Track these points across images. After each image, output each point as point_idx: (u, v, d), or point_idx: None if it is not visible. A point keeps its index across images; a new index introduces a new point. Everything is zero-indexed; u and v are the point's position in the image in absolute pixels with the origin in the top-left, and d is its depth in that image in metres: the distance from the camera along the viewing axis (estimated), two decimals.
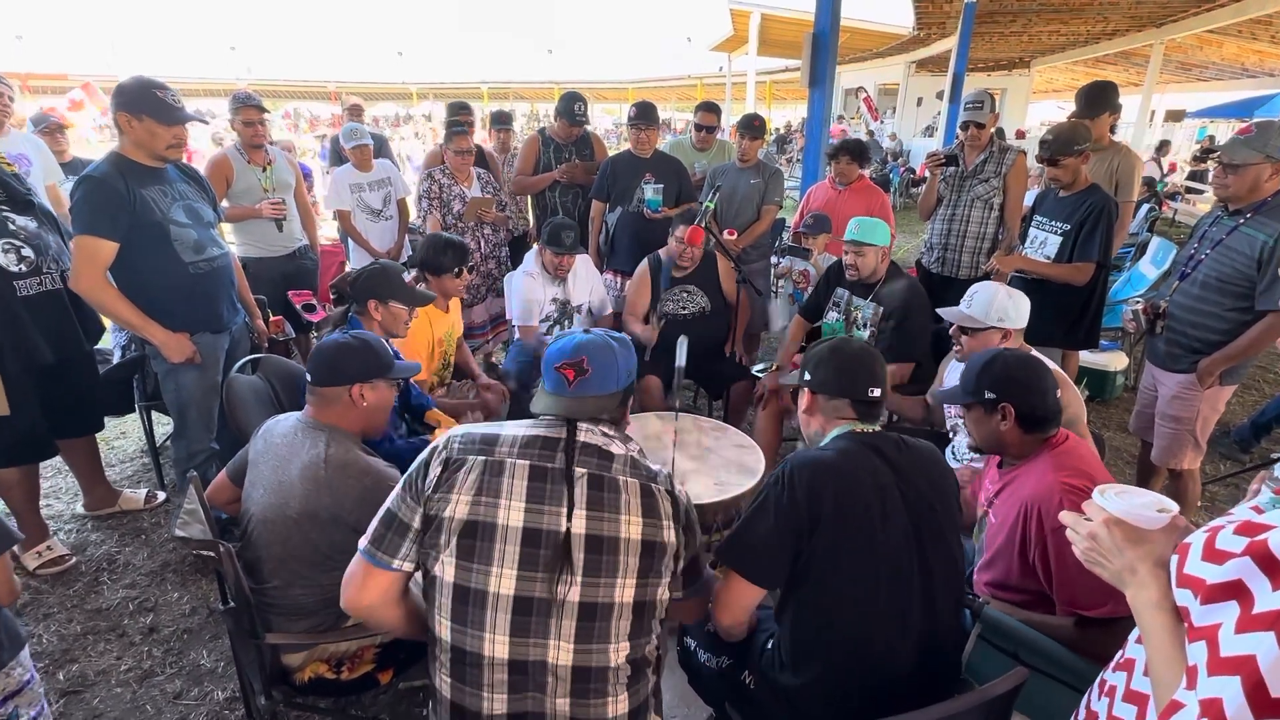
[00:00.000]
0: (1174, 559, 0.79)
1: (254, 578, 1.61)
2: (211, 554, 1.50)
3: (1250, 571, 0.67)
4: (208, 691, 2.07)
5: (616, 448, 1.25)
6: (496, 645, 1.15)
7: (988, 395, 1.63)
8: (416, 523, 1.20)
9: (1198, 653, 0.69)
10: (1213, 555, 0.72)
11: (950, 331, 2.25)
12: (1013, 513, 1.58)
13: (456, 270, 2.73)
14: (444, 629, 1.18)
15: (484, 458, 1.20)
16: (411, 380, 2.44)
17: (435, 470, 1.21)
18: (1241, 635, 0.66)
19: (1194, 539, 0.77)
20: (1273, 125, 2.30)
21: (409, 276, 2.55)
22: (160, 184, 2.35)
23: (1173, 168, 13.19)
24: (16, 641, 1.48)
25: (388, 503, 1.25)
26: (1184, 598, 0.75)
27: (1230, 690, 0.64)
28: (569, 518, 1.17)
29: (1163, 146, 12.77)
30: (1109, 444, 3.45)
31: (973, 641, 1.53)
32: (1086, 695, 0.98)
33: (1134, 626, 0.91)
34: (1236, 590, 0.68)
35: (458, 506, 1.17)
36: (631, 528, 1.18)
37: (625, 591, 1.17)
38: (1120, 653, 0.92)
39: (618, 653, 1.18)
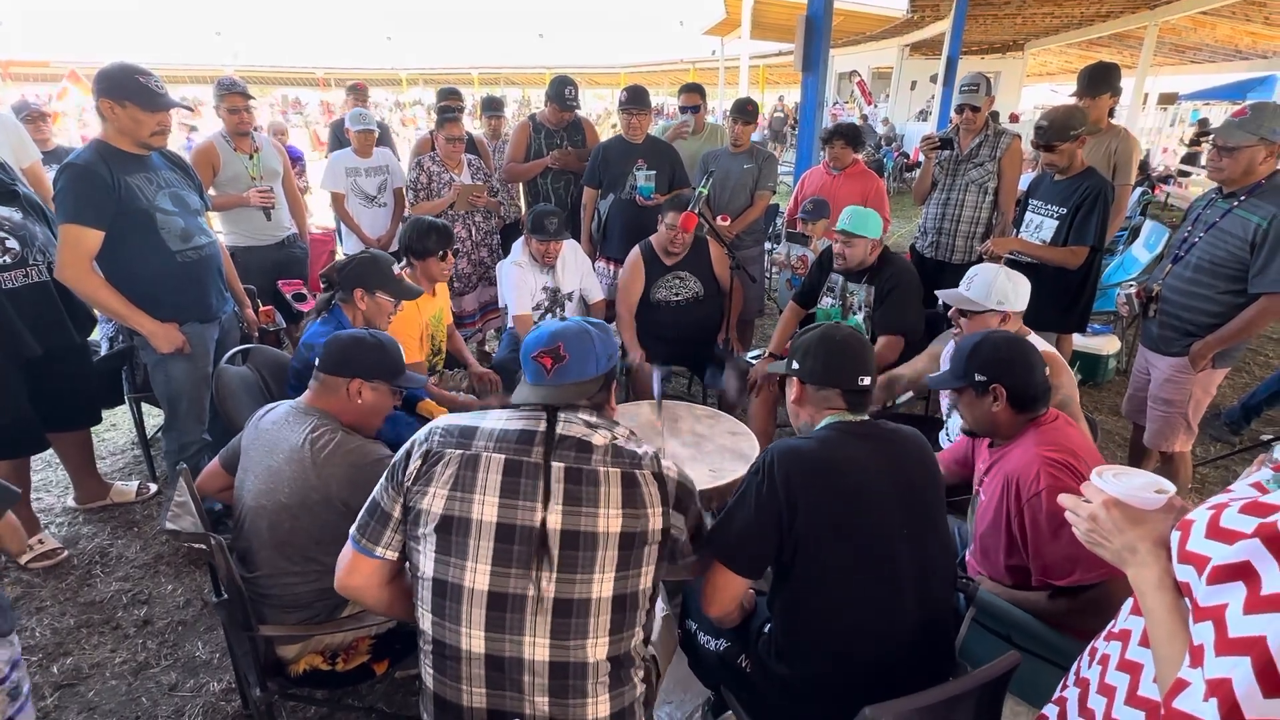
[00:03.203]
0: (1176, 535, 0.79)
1: (247, 567, 1.61)
2: (203, 546, 1.49)
3: (1259, 553, 0.67)
4: (203, 683, 2.07)
5: (598, 438, 1.21)
6: (473, 640, 1.15)
7: (978, 378, 1.63)
8: (396, 512, 1.22)
9: (1204, 633, 0.69)
10: (1219, 534, 0.72)
11: (949, 314, 2.24)
12: (998, 488, 1.61)
13: (441, 253, 2.71)
14: (426, 621, 1.19)
15: (461, 451, 1.19)
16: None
17: (415, 462, 1.21)
18: (1250, 616, 0.66)
19: (1197, 515, 0.77)
20: (1267, 107, 2.29)
21: (398, 269, 2.52)
22: (145, 171, 2.32)
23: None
24: (8, 615, 1.47)
25: (374, 491, 1.26)
26: (1186, 573, 0.75)
27: (1240, 671, 0.64)
28: (544, 512, 1.15)
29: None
30: (1101, 427, 3.46)
31: (967, 624, 1.54)
32: (1076, 663, 0.99)
33: (1115, 599, 0.93)
34: (1244, 571, 0.68)
35: (434, 500, 1.17)
36: (611, 521, 1.16)
37: (604, 586, 1.16)
38: (1114, 622, 0.93)
39: (596, 648, 1.16)
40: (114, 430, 3.55)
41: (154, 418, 3.34)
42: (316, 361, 1.68)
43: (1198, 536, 0.75)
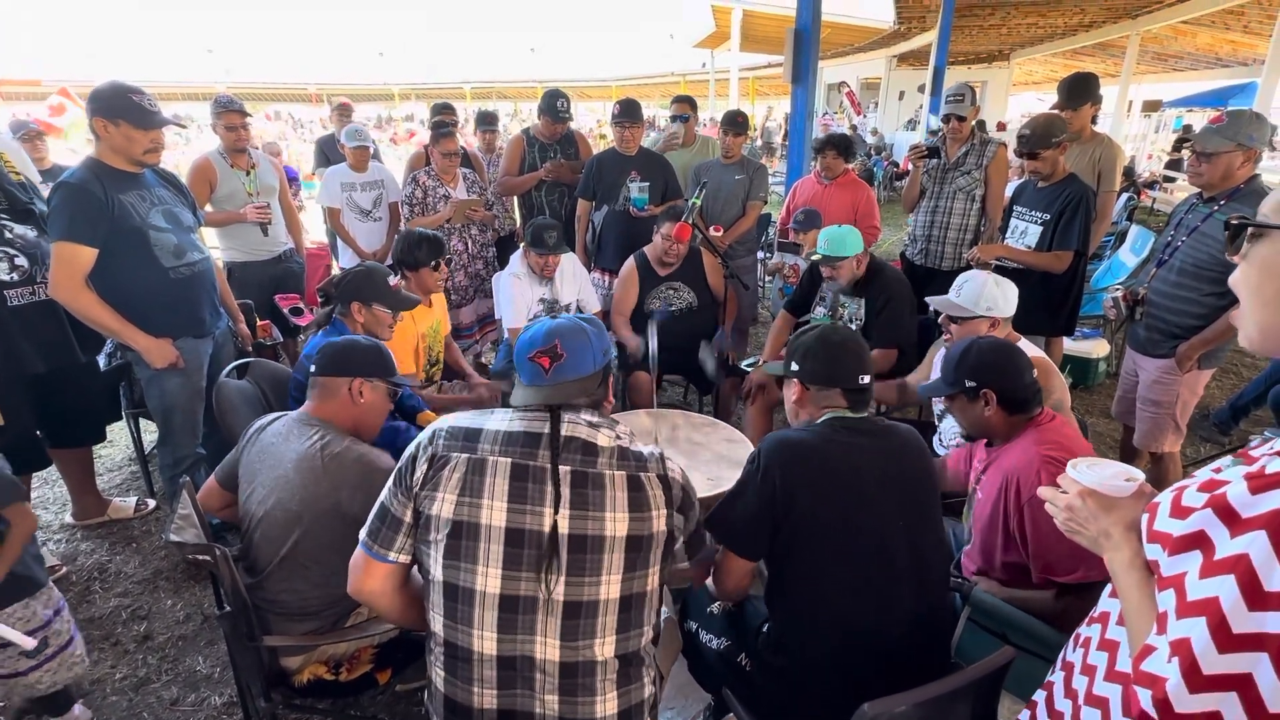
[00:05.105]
0: (1145, 517, 0.85)
1: (255, 578, 1.62)
2: (207, 558, 1.50)
3: (1211, 522, 0.73)
4: (204, 697, 2.07)
5: (603, 438, 1.21)
6: (485, 642, 1.16)
7: (968, 384, 1.67)
8: (408, 517, 1.22)
9: (1167, 600, 0.75)
10: (1179, 511, 0.78)
11: (939, 320, 2.28)
12: (995, 485, 1.63)
13: (434, 264, 2.74)
14: (437, 624, 1.20)
15: (467, 455, 1.19)
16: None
17: (422, 466, 1.21)
18: (1205, 580, 0.71)
19: (1162, 498, 0.83)
20: (1244, 114, 2.35)
21: (394, 281, 2.55)
22: (138, 189, 2.33)
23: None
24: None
25: (382, 496, 1.26)
26: (1154, 552, 0.81)
27: (1197, 630, 0.70)
28: (555, 516, 1.16)
29: None
30: (1092, 429, 3.50)
31: (962, 624, 1.56)
32: (1063, 649, 1.03)
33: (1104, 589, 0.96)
34: (1199, 540, 0.74)
35: (443, 505, 1.17)
36: (617, 524, 1.17)
37: (611, 588, 1.17)
38: (1095, 608, 0.97)
39: (604, 647, 1.18)
40: (111, 447, 3.54)
41: (151, 434, 3.34)
42: (312, 367, 1.70)
43: (1163, 516, 0.81)
